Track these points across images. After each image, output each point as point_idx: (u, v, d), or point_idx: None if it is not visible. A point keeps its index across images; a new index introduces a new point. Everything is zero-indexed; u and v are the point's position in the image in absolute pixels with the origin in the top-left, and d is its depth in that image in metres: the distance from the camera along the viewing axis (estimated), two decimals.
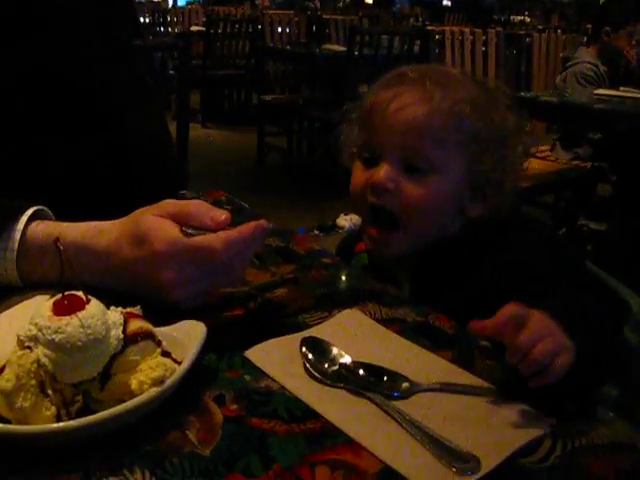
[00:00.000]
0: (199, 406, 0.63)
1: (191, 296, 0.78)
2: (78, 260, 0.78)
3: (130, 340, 0.60)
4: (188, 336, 0.67)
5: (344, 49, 5.01)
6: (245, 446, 0.58)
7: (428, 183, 0.97)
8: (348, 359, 0.71)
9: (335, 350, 0.72)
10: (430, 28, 4.77)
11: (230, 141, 6.56)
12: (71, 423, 0.55)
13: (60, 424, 0.55)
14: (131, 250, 0.77)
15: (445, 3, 15.24)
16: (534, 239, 0.98)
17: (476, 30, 4.06)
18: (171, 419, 0.60)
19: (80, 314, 0.57)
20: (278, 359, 0.72)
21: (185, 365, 0.62)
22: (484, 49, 4.01)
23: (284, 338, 0.75)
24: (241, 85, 7.24)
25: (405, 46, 5.02)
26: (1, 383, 0.56)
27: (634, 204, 3.08)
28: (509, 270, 0.90)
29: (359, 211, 1.05)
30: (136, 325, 0.61)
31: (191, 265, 0.76)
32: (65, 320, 0.56)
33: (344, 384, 0.67)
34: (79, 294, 0.60)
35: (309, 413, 0.63)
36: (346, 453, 0.58)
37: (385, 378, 0.68)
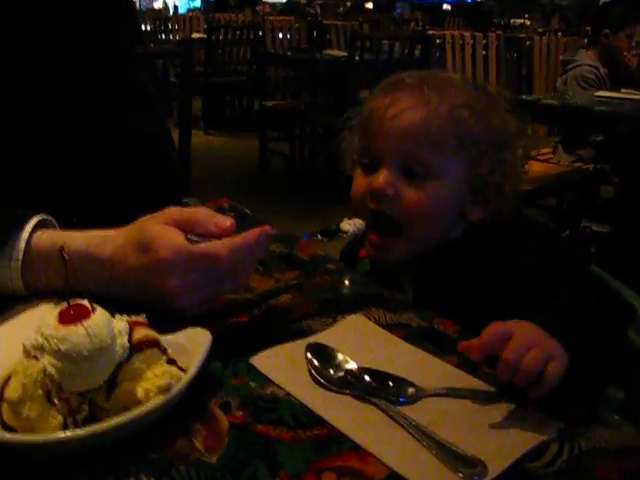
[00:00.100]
0: (205, 413, 0.63)
1: (196, 303, 0.78)
2: (83, 269, 0.78)
3: (136, 348, 0.60)
4: (193, 343, 0.67)
5: (345, 54, 5.02)
6: (252, 453, 0.58)
7: (427, 188, 0.97)
8: (353, 365, 0.71)
9: (340, 356, 0.72)
10: (430, 32, 4.77)
11: (232, 147, 6.57)
12: (77, 432, 0.55)
13: (67, 433, 0.55)
14: (136, 258, 0.77)
15: (445, 7, 15.26)
16: (536, 242, 0.98)
17: (476, 34, 4.07)
18: (177, 427, 0.60)
19: (86, 323, 0.57)
20: (283, 365, 0.72)
21: (191, 373, 0.62)
22: (485, 53, 4.01)
23: (289, 344, 0.76)
24: (243, 91, 7.25)
25: (406, 51, 5.02)
26: (8, 393, 0.57)
27: (637, 206, 3.08)
28: (511, 273, 0.90)
29: (360, 218, 1.05)
30: (141, 333, 0.62)
31: (196, 272, 0.76)
32: (71, 329, 0.57)
33: (350, 390, 0.67)
34: (84, 302, 0.60)
35: (315, 419, 0.63)
36: (352, 459, 0.58)
37: (391, 384, 0.68)
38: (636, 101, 2.99)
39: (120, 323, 0.61)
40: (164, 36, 7.82)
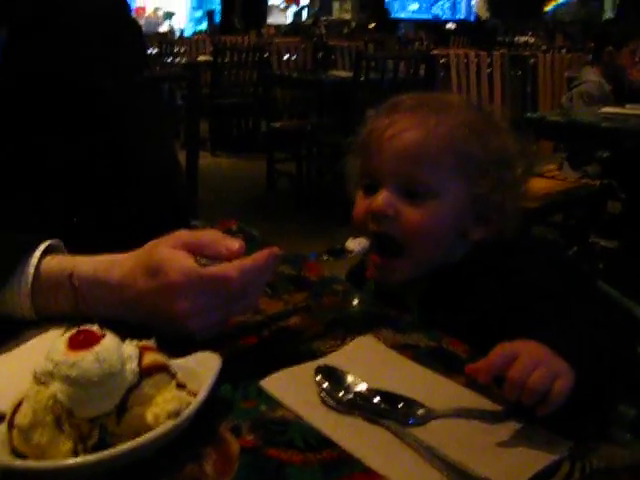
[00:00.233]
0: (215, 437, 0.63)
1: (206, 326, 0.78)
2: (92, 294, 0.78)
3: (145, 373, 0.60)
4: (203, 367, 0.67)
5: (350, 74, 5.05)
6: (262, 477, 0.58)
7: (428, 207, 0.97)
8: (363, 386, 0.71)
9: (350, 378, 0.72)
10: (435, 52, 4.80)
11: (239, 168, 6.59)
12: (88, 458, 0.55)
13: (77, 459, 0.55)
14: (145, 282, 0.77)
15: (449, 26, 15.33)
16: (543, 259, 0.98)
17: (481, 53, 4.09)
18: (187, 451, 0.60)
19: (96, 348, 0.57)
20: (293, 388, 0.72)
21: (200, 397, 0.62)
22: (489, 71, 4.03)
23: (298, 367, 0.76)
24: (249, 113, 7.28)
25: (411, 70, 5.05)
26: (18, 419, 0.57)
27: None
28: (518, 290, 0.90)
29: None
30: (151, 358, 0.62)
31: (206, 295, 0.76)
32: (81, 355, 0.57)
33: (359, 412, 0.67)
34: (94, 328, 0.60)
35: (325, 442, 0.63)
36: None
37: (400, 405, 0.68)
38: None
39: (130, 348, 0.62)
40: (170, 59, 7.88)
